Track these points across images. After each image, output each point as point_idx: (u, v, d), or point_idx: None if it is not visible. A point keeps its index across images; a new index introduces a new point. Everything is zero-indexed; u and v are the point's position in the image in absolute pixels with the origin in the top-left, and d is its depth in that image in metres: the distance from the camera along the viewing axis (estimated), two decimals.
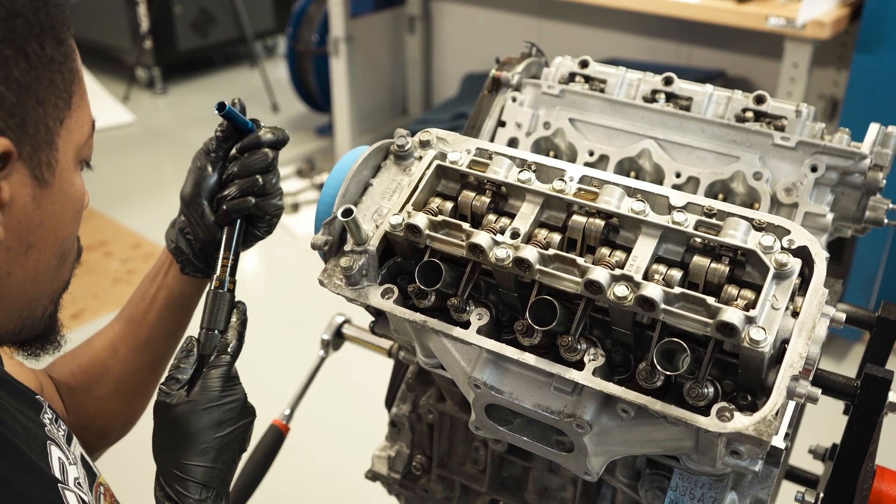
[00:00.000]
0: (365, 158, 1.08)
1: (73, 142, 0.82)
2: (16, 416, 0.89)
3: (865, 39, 2.84)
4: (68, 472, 0.92)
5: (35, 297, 0.87)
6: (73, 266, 0.91)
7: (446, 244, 0.99)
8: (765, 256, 0.88)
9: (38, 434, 0.91)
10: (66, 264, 0.88)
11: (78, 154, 0.83)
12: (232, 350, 1.06)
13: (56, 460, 0.90)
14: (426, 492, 1.38)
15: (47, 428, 0.94)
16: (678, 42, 3.88)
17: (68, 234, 0.85)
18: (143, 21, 5.72)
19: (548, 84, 1.34)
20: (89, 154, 0.87)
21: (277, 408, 1.62)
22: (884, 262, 3.07)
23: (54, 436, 0.94)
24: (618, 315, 0.93)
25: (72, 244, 0.88)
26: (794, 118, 1.23)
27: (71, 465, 0.94)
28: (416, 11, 4.75)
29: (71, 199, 0.83)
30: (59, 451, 0.93)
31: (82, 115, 0.83)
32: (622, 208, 0.95)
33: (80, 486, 0.93)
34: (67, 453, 0.95)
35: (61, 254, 0.86)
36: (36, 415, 0.95)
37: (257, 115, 5.11)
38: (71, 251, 0.88)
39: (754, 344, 0.83)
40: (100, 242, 4.03)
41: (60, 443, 0.95)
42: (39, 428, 0.93)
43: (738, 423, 0.84)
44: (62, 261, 0.87)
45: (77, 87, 0.82)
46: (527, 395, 0.97)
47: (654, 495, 1.09)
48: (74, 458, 0.97)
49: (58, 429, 0.98)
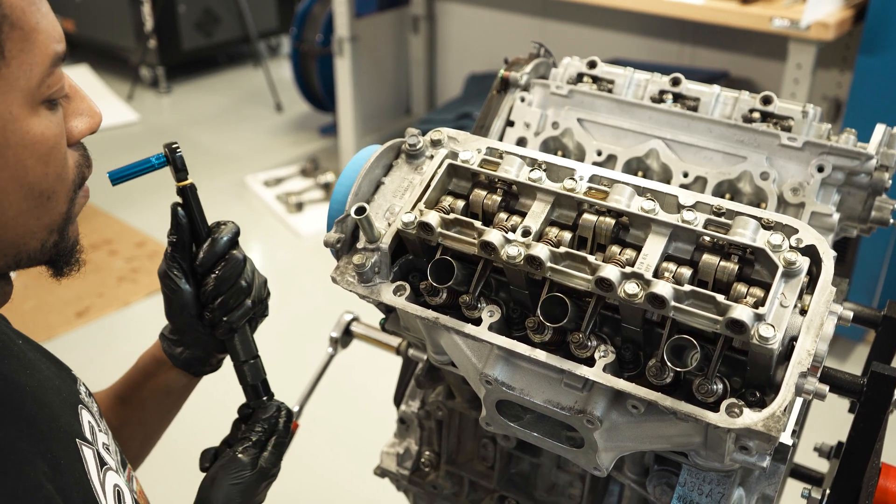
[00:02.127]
0: (377, 157, 1.10)
1: (18, 89, 0.79)
2: (49, 376, 0.92)
3: (869, 41, 2.85)
4: (98, 436, 0.94)
5: (17, 238, 0.85)
6: (69, 196, 0.88)
7: (458, 242, 1.00)
8: (774, 255, 0.89)
9: (71, 396, 0.94)
10: (55, 199, 0.86)
11: (31, 98, 0.80)
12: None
13: (87, 423, 0.93)
14: (434, 488, 1.39)
15: (81, 396, 0.97)
16: (681, 43, 3.89)
17: (38, 178, 0.83)
18: (147, 20, 5.74)
19: (556, 84, 1.35)
20: (52, 91, 0.82)
21: (291, 404, 1.63)
22: (887, 261, 3.08)
23: (87, 404, 0.97)
24: (628, 312, 0.94)
25: (52, 183, 0.85)
26: (800, 119, 1.24)
27: (101, 432, 0.96)
28: (421, 11, 4.77)
29: (29, 147, 0.81)
30: (90, 417, 0.95)
31: (26, 59, 0.79)
32: (632, 207, 0.96)
33: (108, 449, 0.95)
34: (98, 423, 0.97)
35: (36, 195, 0.83)
36: (71, 382, 0.97)
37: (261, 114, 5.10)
38: (55, 189, 0.85)
39: (763, 341, 0.84)
40: (104, 241, 4.04)
41: (93, 412, 0.98)
42: (73, 394, 0.95)
43: (748, 419, 0.86)
44: (43, 200, 0.85)
45: (11, 33, 0.77)
46: (537, 391, 0.99)
47: (663, 491, 1.10)
48: (106, 429, 1.00)
49: (91, 403, 1.00)
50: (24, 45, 0.79)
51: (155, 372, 1.20)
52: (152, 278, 3.78)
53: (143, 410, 1.21)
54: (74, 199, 0.90)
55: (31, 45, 0.80)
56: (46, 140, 0.83)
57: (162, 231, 4.10)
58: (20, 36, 0.79)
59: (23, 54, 0.79)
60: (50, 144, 0.83)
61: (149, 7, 5.69)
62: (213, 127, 5.48)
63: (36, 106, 0.81)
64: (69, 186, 0.88)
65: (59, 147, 0.85)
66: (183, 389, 1.22)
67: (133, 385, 1.21)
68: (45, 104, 0.82)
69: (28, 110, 0.80)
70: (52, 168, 0.84)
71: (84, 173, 0.92)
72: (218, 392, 1.70)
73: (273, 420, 1.13)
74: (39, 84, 0.81)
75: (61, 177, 0.86)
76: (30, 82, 0.80)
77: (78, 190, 0.90)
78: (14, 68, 0.78)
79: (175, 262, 1.11)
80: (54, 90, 0.83)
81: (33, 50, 0.80)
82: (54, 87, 0.82)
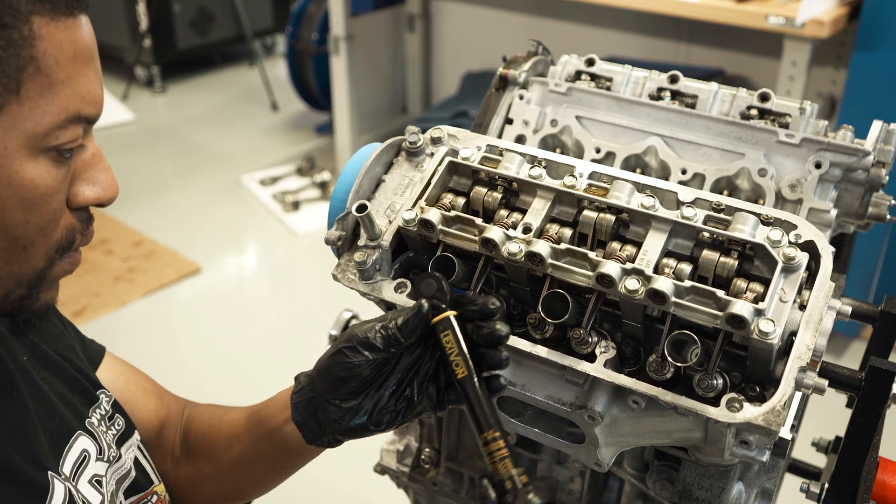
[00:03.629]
0: (377, 155, 1.10)
1: (21, 129, 0.77)
2: (50, 396, 0.91)
3: (864, 38, 2.86)
4: (88, 465, 0.94)
5: None
6: (49, 255, 0.85)
7: (459, 239, 1.01)
8: (773, 250, 0.90)
9: (70, 422, 0.94)
10: (32, 251, 0.83)
11: (33, 142, 0.79)
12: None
13: (76, 451, 0.93)
14: (435, 485, 1.40)
15: (90, 420, 0.97)
16: (676, 41, 3.90)
17: (16, 222, 0.80)
18: (142, 19, 5.73)
19: (555, 82, 1.36)
20: (60, 144, 0.81)
21: None
22: (882, 257, 3.09)
23: (94, 429, 0.97)
24: (629, 308, 0.95)
25: (31, 233, 0.82)
26: (798, 115, 1.25)
27: (99, 461, 0.96)
28: (416, 10, 4.77)
29: (13, 187, 0.78)
30: (93, 444, 0.96)
31: (41, 105, 0.78)
32: (632, 203, 0.97)
33: (97, 483, 0.95)
34: (105, 449, 0.97)
35: (10, 239, 0.81)
36: (84, 405, 0.97)
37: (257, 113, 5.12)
38: (34, 240, 0.83)
39: (763, 336, 0.85)
40: (101, 241, 4.03)
41: (101, 438, 0.98)
42: (77, 418, 0.95)
43: (748, 414, 0.86)
44: (18, 247, 0.82)
45: (35, 76, 0.77)
46: (539, 387, 0.99)
47: (663, 486, 1.11)
48: (117, 457, 1.00)
49: (109, 427, 1.00)
50: (44, 91, 0.78)
51: (281, 425, 1.07)
52: (149, 278, 3.78)
53: (268, 451, 1.10)
54: (55, 261, 0.86)
55: (53, 94, 0.79)
56: (35, 188, 0.80)
57: (158, 231, 4.13)
58: (43, 82, 0.78)
59: (40, 99, 0.78)
60: (38, 193, 0.80)
61: (143, 6, 5.68)
62: (209, 126, 5.48)
63: (36, 152, 0.79)
64: (51, 245, 0.84)
65: (50, 200, 0.82)
66: (305, 452, 1.08)
67: (262, 423, 1.10)
68: (49, 154, 0.80)
69: (26, 152, 0.79)
70: (35, 218, 0.81)
71: (76, 238, 0.87)
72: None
73: None
74: (47, 133, 0.79)
75: (44, 231, 0.83)
76: (37, 127, 0.78)
77: (63, 253, 0.86)
78: (25, 109, 0.77)
79: (403, 338, 0.94)
80: (62, 143, 0.80)
81: (53, 99, 0.79)
82: (62, 140, 0.80)
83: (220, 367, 3.25)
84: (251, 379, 3.14)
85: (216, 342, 3.42)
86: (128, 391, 1.15)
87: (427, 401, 0.98)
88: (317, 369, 1.00)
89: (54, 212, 0.83)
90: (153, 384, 1.21)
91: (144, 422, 1.15)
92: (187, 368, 3.23)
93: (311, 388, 1.00)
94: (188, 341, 3.44)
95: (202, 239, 4.14)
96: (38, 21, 0.77)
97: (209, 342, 3.42)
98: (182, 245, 4.04)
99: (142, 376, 1.20)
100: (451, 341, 0.92)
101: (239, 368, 3.24)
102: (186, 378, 3.14)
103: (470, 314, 0.93)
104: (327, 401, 0.98)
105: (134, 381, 1.18)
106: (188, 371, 3.21)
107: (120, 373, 1.16)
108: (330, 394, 0.97)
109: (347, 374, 0.95)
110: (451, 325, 0.92)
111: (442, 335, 0.92)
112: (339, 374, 0.95)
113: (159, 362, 3.25)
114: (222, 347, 3.39)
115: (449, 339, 0.92)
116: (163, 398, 1.20)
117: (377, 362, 0.95)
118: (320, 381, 0.98)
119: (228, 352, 3.35)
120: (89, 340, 1.13)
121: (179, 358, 3.31)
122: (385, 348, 0.94)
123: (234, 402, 1.18)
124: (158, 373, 1.31)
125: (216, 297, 3.77)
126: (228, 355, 3.33)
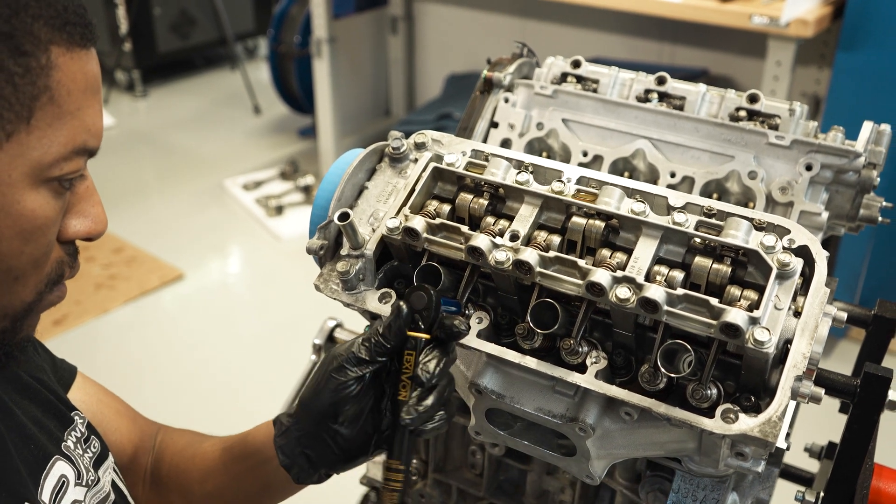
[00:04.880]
0: (360, 161, 1.07)
1: (27, 158, 0.76)
2: (24, 422, 0.88)
3: (848, 37, 2.86)
4: (67, 491, 0.91)
5: None
6: (39, 288, 0.83)
7: (444, 247, 0.98)
8: (767, 256, 0.88)
9: (46, 447, 0.91)
10: (23, 283, 0.81)
11: (38, 172, 0.77)
12: None
13: (54, 476, 0.90)
14: (422, 497, 1.37)
15: (66, 444, 0.94)
16: (660, 41, 3.89)
17: (11, 252, 0.79)
18: (122, 23, 5.66)
19: (540, 84, 1.33)
20: (63, 174, 0.79)
21: (267, 413, 1.60)
22: (867, 259, 3.09)
23: (71, 453, 0.94)
24: (619, 317, 0.92)
25: (24, 265, 0.80)
26: (787, 117, 1.23)
27: (78, 486, 0.93)
28: (399, 12, 4.74)
29: (12, 217, 0.77)
30: (71, 468, 0.92)
31: (50, 135, 0.77)
32: (622, 209, 0.94)
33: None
34: (83, 473, 0.94)
35: (3, 270, 0.79)
36: (59, 429, 0.94)
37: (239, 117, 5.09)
38: (26, 272, 0.81)
39: (759, 345, 0.83)
40: (81, 247, 3.97)
41: (78, 462, 0.94)
42: (53, 442, 0.92)
43: (743, 425, 0.84)
44: (10, 278, 0.80)
45: (47, 106, 0.76)
46: (528, 399, 0.97)
47: (655, 497, 1.09)
48: (95, 481, 0.96)
49: (85, 449, 0.97)
50: (54, 122, 0.77)
51: (260, 467, 1.04)
52: (130, 285, 3.73)
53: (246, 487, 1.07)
54: (44, 294, 0.84)
55: (62, 125, 0.78)
56: (35, 219, 0.79)
57: (139, 237, 4.08)
58: (54, 112, 0.77)
59: (49, 129, 0.77)
60: (37, 224, 0.79)
61: (123, 10, 5.62)
62: (191, 130, 5.43)
63: (39, 183, 0.78)
64: (42, 278, 0.83)
65: (46, 233, 0.80)
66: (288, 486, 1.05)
67: (240, 460, 1.07)
68: (50, 185, 0.79)
69: (29, 182, 0.77)
70: (30, 250, 0.80)
71: (64, 272, 0.86)
72: None
73: None
74: (52, 164, 0.78)
75: (37, 263, 0.81)
76: (43, 157, 0.77)
77: (53, 287, 0.85)
78: (34, 138, 0.76)
79: (375, 356, 0.93)
80: (65, 173, 0.79)
81: (61, 129, 0.78)
82: (66, 171, 0.79)
83: (204, 374, 3.20)
84: (235, 386, 3.10)
85: (200, 349, 3.38)
86: (100, 413, 1.11)
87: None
88: (302, 404, 0.97)
89: (48, 244, 0.81)
90: (125, 406, 1.17)
91: (117, 445, 1.11)
92: (171, 376, 3.19)
93: (296, 428, 0.98)
94: (172, 349, 3.39)
95: (185, 244, 4.09)
96: (55, 51, 0.77)
97: (193, 349, 3.38)
98: (164, 251, 3.99)
99: (114, 398, 1.16)
100: (412, 363, 0.91)
101: (223, 375, 3.19)
102: (170, 386, 3.10)
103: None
104: (320, 432, 0.95)
105: (106, 402, 1.14)
106: (172, 379, 3.16)
107: (92, 394, 1.12)
108: (323, 423, 0.95)
109: (338, 396, 0.93)
110: (420, 349, 0.92)
111: (407, 353, 0.92)
112: (330, 399, 0.93)
113: (142, 371, 3.21)
114: (206, 354, 3.34)
115: (411, 360, 0.91)
116: (135, 421, 1.16)
117: (366, 378, 0.93)
118: (310, 413, 0.96)
119: (212, 358, 3.31)
120: (60, 360, 1.09)
121: (163, 366, 3.26)
122: (372, 358, 0.92)
123: (219, 407, 1.15)
124: (141, 381, 1.27)
125: (200, 303, 3.72)
126: (212, 362, 3.28)
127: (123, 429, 1.13)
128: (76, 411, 1.00)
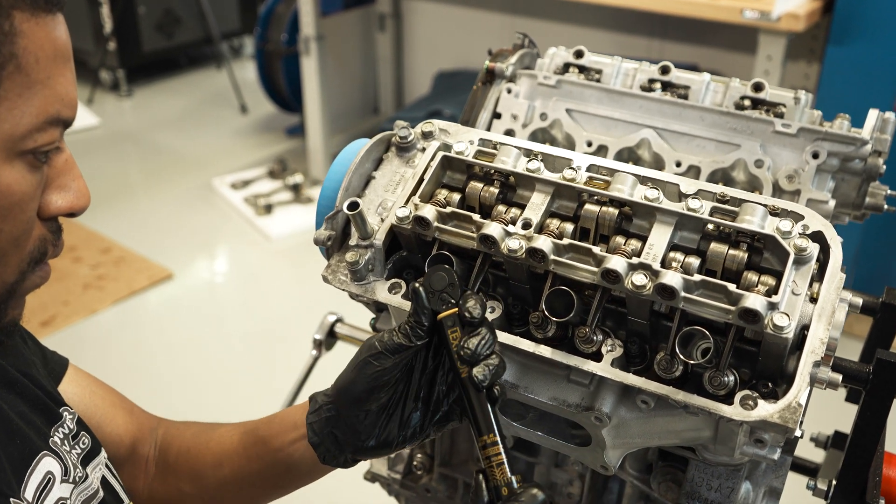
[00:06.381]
0: (367, 151, 1.05)
1: (0, 131, 0.74)
2: (10, 417, 0.86)
3: (838, 32, 2.87)
4: (53, 488, 0.88)
5: None
6: (21, 267, 0.81)
7: (456, 236, 0.96)
8: (784, 241, 0.87)
9: (33, 442, 0.88)
10: (4, 264, 0.79)
11: (11, 144, 0.75)
12: None
13: (40, 473, 0.87)
14: (428, 491, 1.35)
15: (53, 440, 0.91)
16: (650, 37, 3.89)
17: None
18: (106, 22, 5.61)
19: (544, 74, 1.32)
20: (38, 146, 0.76)
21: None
22: (859, 247, 3.11)
23: (59, 449, 0.91)
24: (635, 304, 0.91)
25: (3, 243, 0.78)
26: (792, 105, 1.23)
27: (65, 482, 0.90)
28: (387, 9, 4.72)
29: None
30: (57, 464, 0.90)
31: (20, 105, 0.74)
32: (636, 196, 0.93)
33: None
34: (70, 469, 0.92)
35: None
36: (46, 425, 0.92)
37: (226, 116, 5.06)
38: (7, 252, 0.78)
39: (778, 330, 0.82)
40: (69, 248, 3.93)
41: (66, 458, 0.92)
42: (41, 437, 0.89)
43: (763, 411, 0.83)
44: None
45: (15, 74, 0.73)
46: (542, 388, 0.95)
47: (668, 487, 1.08)
48: (83, 478, 0.94)
49: (73, 445, 0.95)
50: (23, 91, 0.74)
51: (288, 444, 1.02)
52: (118, 285, 3.69)
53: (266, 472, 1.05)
54: (27, 274, 0.82)
55: (32, 94, 0.75)
56: (11, 194, 0.76)
57: (127, 237, 4.03)
58: (23, 81, 0.74)
59: (19, 99, 0.74)
60: (13, 200, 0.76)
61: (107, 8, 5.56)
62: (177, 130, 5.38)
63: (13, 156, 0.75)
64: (24, 257, 0.80)
65: (24, 209, 0.77)
66: (314, 470, 1.03)
67: (265, 442, 1.04)
68: (25, 158, 0.76)
69: (2, 156, 0.74)
70: (9, 227, 0.77)
71: (48, 250, 0.83)
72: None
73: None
74: (25, 135, 0.75)
75: (17, 241, 0.78)
76: (15, 129, 0.74)
77: (35, 266, 0.82)
78: (3, 109, 0.73)
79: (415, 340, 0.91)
80: (40, 145, 0.76)
81: (32, 99, 0.75)
82: (40, 143, 0.76)
83: (194, 374, 3.17)
84: (226, 385, 3.07)
85: (189, 349, 3.35)
86: (94, 405, 1.08)
87: (456, 405, 0.95)
88: (338, 387, 0.96)
89: (28, 221, 0.79)
90: (121, 398, 1.14)
91: (113, 437, 1.09)
92: (161, 376, 3.15)
93: (331, 407, 0.97)
94: (161, 349, 3.36)
95: (173, 244, 4.06)
96: (19, 16, 0.73)
97: (182, 349, 3.35)
98: (153, 251, 3.96)
99: (109, 390, 1.14)
100: (459, 338, 0.88)
101: (213, 375, 3.17)
102: (160, 386, 3.06)
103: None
104: (353, 416, 0.94)
105: (101, 394, 1.11)
106: (162, 379, 3.13)
107: (85, 386, 1.09)
108: (357, 408, 0.94)
109: (377, 382, 0.92)
110: (459, 321, 0.89)
111: (450, 331, 0.89)
112: (368, 384, 0.92)
113: (132, 371, 3.17)
114: (196, 354, 3.31)
115: (457, 335, 0.89)
116: (132, 413, 1.14)
117: (402, 364, 0.92)
118: (345, 397, 0.94)
119: (202, 358, 3.28)
120: (51, 353, 1.06)
121: (152, 366, 3.23)
122: (411, 342, 0.91)
123: (210, 407, 1.14)
124: (132, 382, 1.25)
125: (189, 303, 3.69)
126: (202, 362, 3.26)
127: (119, 420, 1.11)
128: (65, 407, 0.97)
